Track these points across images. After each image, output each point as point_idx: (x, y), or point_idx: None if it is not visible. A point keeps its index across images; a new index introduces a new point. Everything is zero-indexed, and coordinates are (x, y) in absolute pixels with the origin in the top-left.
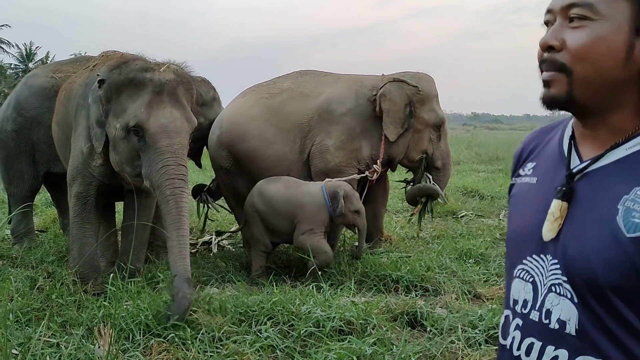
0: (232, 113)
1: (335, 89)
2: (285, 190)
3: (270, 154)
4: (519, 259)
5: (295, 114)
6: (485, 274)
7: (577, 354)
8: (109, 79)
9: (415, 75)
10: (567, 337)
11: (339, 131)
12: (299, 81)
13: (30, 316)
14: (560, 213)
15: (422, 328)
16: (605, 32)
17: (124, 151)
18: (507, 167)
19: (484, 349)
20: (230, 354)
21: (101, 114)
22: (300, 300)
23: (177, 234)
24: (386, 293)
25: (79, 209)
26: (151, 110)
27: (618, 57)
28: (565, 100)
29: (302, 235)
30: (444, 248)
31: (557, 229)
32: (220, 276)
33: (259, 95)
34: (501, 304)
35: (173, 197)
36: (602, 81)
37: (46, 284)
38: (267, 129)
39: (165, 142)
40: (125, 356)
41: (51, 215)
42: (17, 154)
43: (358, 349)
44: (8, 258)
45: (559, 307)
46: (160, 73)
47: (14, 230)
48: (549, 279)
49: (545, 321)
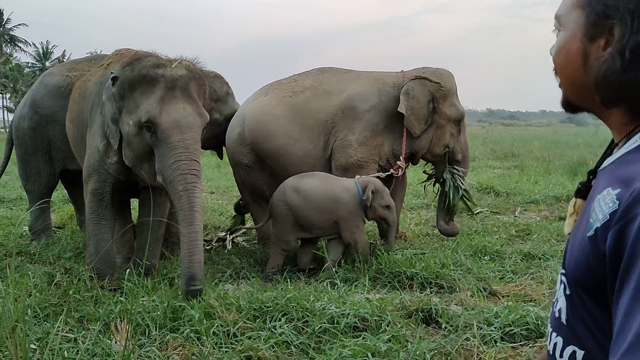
0: (256, 111)
1: (357, 86)
2: (323, 185)
3: (296, 152)
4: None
5: (319, 112)
6: (500, 271)
7: (568, 343)
8: (122, 76)
9: (436, 71)
10: (562, 325)
11: (362, 127)
12: (321, 79)
13: (48, 311)
14: (575, 209)
15: (437, 325)
16: (564, 41)
17: (138, 147)
18: (522, 164)
19: (500, 347)
20: (245, 349)
21: (115, 111)
22: (315, 296)
23: (189, 230)
24: (401, 290)
25: (94, 205)
26: (163, 105)
27: (577, 64)
28: (566, 104)
29: (354, 234)
30: (458, 245)
31: (572, 225)
32: (234, 272)
33: (281, 93)
34: (517, 301)
35: (185, 193)
36: (573, 87)
37: (64, 280)
38: (293, 127)
39: (177, 137)
40: (141, 351)
41: (68, 212)
42: (34, 151)
43: (372, 345)
44: (26, 254)
45: (561, 297)
46: (173, 69)
47: (32, 226)
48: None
49: (554, 309)
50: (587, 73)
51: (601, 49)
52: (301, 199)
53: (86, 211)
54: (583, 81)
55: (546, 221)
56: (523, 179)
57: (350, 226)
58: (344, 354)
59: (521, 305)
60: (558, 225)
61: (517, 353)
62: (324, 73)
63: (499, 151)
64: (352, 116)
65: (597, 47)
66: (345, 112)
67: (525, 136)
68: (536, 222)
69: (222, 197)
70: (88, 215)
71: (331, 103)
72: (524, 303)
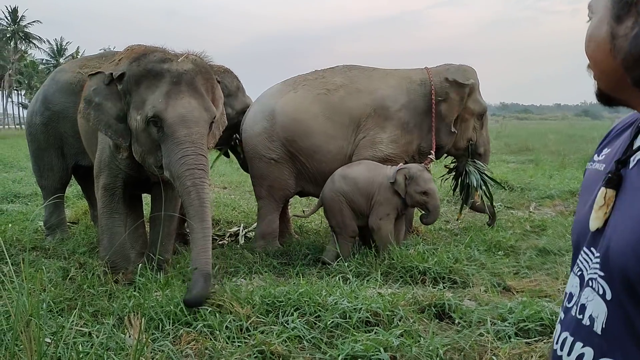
0: (291, 108)
1: (387, 86)
2: (368, 171)
3: (331, 149)
4: (578, 251)
5: (355, 109)
6: (515, 267)
7: (601, 355)
8: (128, 72)
9: (460, 67)
10: (594, 335)
11: (393, 126)
12: (350, 77)
13: (62, 306)
14: (606, 201)
15: (450, 320)
16: (593, 27)
17: (145, 142)
18: (537, 158)
19: (514, 342)
20: (257, 344)
21: (121, 109)
22: (327, 291)
23: (201, 226)
24: (413, 285)
25: (107, 200)
26: (169, 100)
27: (605, 48)
28: (600, 95)
29: (380, 220)
30: (472, 240)
31: (602, 219)
32: (247, 267)
33: (314, 90)
34: (532, 297)
35: (194, 188)
36: (604, 74)
37: (78, 275)
38: (330, 125)
39: (183, 131)
40: (155, 345)
41: (82, 207)
42: (46, 147)
43: (385, 340)
44: (41, 249)
45: (592, 303)
46: (178, 63)
47: (47, 222)
48: (589, 273)
49: (579, 316)
50: (615, 56)
51: (629, 29)
52: (348, 185)
53: (98, 206)
54: (612, 66)
55: (561, 216)
56: (538, 174)
57: (380, 212)
58: (356, 348)
59: (536, 301)
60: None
61: (532, 349)
62: (352, 70)
63: (513, 145)
64: (385, 115)
65: (624, 28)
66: (377, 111)
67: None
68: (551, 217)
69: (235, 192)
70: (100, 209)
71: (364, 102)
72: (538, 299)
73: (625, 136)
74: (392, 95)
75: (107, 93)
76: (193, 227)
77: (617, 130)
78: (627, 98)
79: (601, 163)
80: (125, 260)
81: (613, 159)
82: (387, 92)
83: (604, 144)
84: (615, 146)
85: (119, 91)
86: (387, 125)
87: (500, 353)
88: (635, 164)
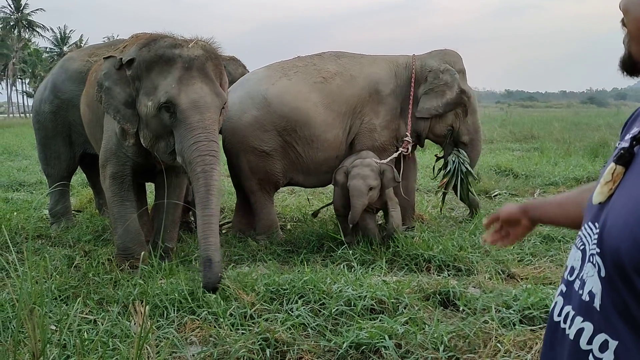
0: (290, 97)
1: (378, 70)
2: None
3: (329, 137)
4: (582, 226)
5: (352, 97)
6: (519, 254)
7: (599, 331)
8: (138, 57)
9: (447, 52)
10: (594, 311)
11: (385, 111)
12: (342, 64)
13: (67, 293)
14: (613, 177)
15: (455, 308)
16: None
17: (156, 128)
18: (542, 146)
19: (519, 329)
20: (262, 331)
21: (130, 94)
22: (332, 279)
23: (204, 213)
24: (418, 272)
25: (116, 188)
26: (182, 86)
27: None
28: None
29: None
30: (476, 227)
31: (606, 194)
32: (251, 255)
33: (311, 78)
34: (536, 284)
35: (203, 175)
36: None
37: (83, 263)
38: (329, 114)
39: (196, 117)
40: (159, 332)
41: (87, 196)
42: (54, 135)
43: (390, 327)
44: (46, 237)
45: (592, 279)
46: (189, 49)
47: (52, 210)
48: (590, 248)
49: (580, 291)
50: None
51: None
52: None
53: (107, 196)
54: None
55: None
56: (543, 161)
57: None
58: (361, 336)
59: (540, 288)
60: None
61: (537, 336)
62: (342, 58)
63: (518, 133)
64: (377, 100)
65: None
66: (372, 96)
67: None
68: None
69: None
70: (110, 198)
71: (359, 88)
72: (543, 286)
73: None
74: (383, 79)
75: (117, 78)
76: (198, 213)
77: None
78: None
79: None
80: (141, 246)
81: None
82: (380, 75)
83: (626, 128)
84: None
85: (127, 76)
86: (380, 110)
87: (505, 340)
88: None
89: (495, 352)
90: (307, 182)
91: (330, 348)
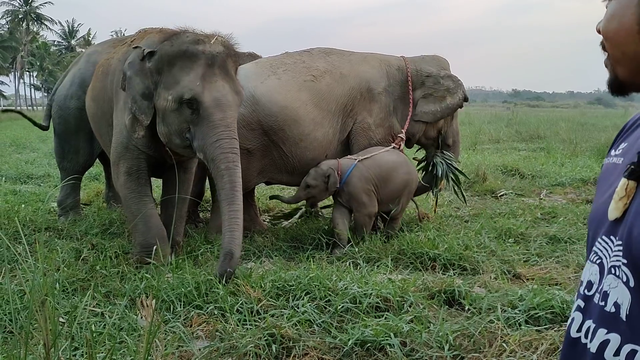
0: (279, 96)
1: (369, 68)
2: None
3: (318, 136)
4: (594, 241)
5: (342, 96)
6: (525, 254)
7: (626, 342)
8: (160, 51)
9: (434, 58)
10: (620, 322)
11: (378, 109)
12: (331, 62)
13: (75, 286)
14: (626, 192)
15: (460, 307)
16: (617, 8)
17: (174, 123)
18: (548, 146)
19: (525, 330)
20: (268, 327)
21: (148, 86)
22: (337, 276)
23: (230, 208)
24: (423, 271)
25: (132, 184)
26: (205, 83)
27: (631, 31)
28: (614, 82)
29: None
30: (482, 227)
31: (622, 209)
32: (257, 251)
33: (300, 77)
34: (542, 285)
35: (227, 172)
36: (626, 58)
37: (90, 256)
38: (318, 112)
39: (219, 115)
40: (167, 327)
41: (95, 189)
42: (76, 131)
43: (395, 325)
44: (54, 230)
45: (616, 290)
46: (211, 45)
47: (61, 202)
48: (611, 261)
49: (602, 303)
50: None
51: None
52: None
53: (123, 193)
54: (637, 49)
55: (572, 204)
56: (549, 162)
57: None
58: (366, 333)
59: (546, 289)
60: (585, 208)
61: (542, 337)
62: (331, 55)
63: (525, 133)
64: (370, 98)
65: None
66: (363, 95)
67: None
68: (562, 205)
69: None
70: (127, 196)
71: (350, 86)
72: (549, 286)
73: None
74: (375, 77)
75: (138, 68)
76: (223, 210)
77: (631, 124)
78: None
79: (619, 157)
80: (164, 242)
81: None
82: (371, 73)
83: (620, 139)
84: (632, 140)
85: (146, 68)
86: (373, 108)
87: (511, 340)
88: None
89: (501, 352)
90: (292, 181)
91: (335, 345)
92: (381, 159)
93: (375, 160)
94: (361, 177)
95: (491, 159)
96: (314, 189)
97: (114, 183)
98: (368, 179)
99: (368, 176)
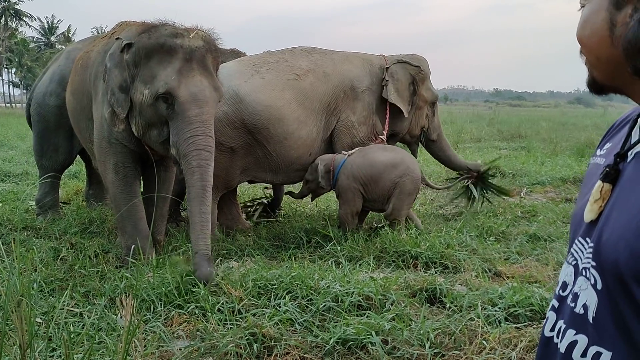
0: (263, 95)
1: (352, 67)
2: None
3: (302, 135)
4: (572, 242)
5: (325, 95)
6: (505, 252)
7: (593, 343)
8: (137, 43)
9: (413, 56)
10: (587, 323)
11: (361, 107)
12: (314, 60)
13: (54, 286)
14: (601, 195)
15: (441, 305)
16: (589, 13)
17: (150, 117)
18: (529, 145)
19: (504, 327)
20: (249, 326)
21: (125, 79)
22: (319, 275)
23: (200, 209)
24: (405, 269)
25: (120, 183)
26: (182, 78)
27: (603, 35)
28: (592, 83)
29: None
30: (464, 225)
31: (597, 211)
32: (239, 250)
33: (284, 75)
34: (522, 282)
35: (199, 169)
36: (600, 62)
37: (69, 255)
38: (302, 111)
39: (194, 111)
40: (147, 326)
41: (74, 187)
42: (56, 128)
43: (376, 324)
44: (32, 229)
45: (585, 292)
46: (190, 39)
47: (39, 201)
48: (583, 263)
49: (572, 304)
50: (613, 43)
51: (628, 16)
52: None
53: (112, 191)
54: (610, 53)
55: (552, 203)
56: (529, 160)
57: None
58: (348, 332)
59: (526, 287)
60: (564, 207)
61: (521, 334)
62: (313, 54)
63: (506, 132)
64: (353, 96)
65: (624, 15)
66: (346, 93)
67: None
68: (542, 203)
69: None
70: (115, 194)
71: (333, 84)
72: (528, 284)
73: (625, 130)
74: (359, 75)
75: (117, 61)
76: (193, 208)
77: (618, 124)
78: (623, 86)
79: (602, 157)
80: (148, 244)
81: (613, 153)
82: (354, 72)
83: (606, 139)
84: (616, 140)
85: (124, 61)
86: (356, 106)
87: (490, 337)
88: (633, 158)
89: (481, 349)
90: (276, 179)
91: (317, 344)
92: (375, 159)
93: (368, 159)
94: (349, 175)
95: (472, 157)
96: (312, 183)
97: (103, 178)
98: (356, 178)
99: (357, 175)
